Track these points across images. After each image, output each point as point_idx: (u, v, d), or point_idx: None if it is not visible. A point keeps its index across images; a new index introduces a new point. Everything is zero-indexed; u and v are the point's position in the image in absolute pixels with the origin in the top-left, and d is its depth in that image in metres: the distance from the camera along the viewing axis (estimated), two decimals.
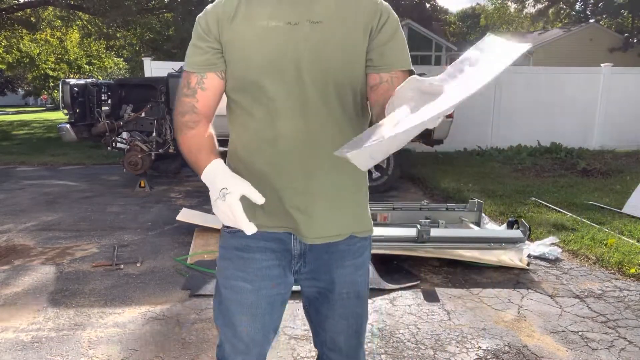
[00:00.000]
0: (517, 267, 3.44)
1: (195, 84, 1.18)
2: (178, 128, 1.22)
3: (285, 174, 1.18)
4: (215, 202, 1.06)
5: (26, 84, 26.74)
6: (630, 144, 9.41)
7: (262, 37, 1.13)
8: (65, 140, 5.97)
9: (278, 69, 1.13)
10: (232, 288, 1.25)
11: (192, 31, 1.21)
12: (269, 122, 1.16)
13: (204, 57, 1.17)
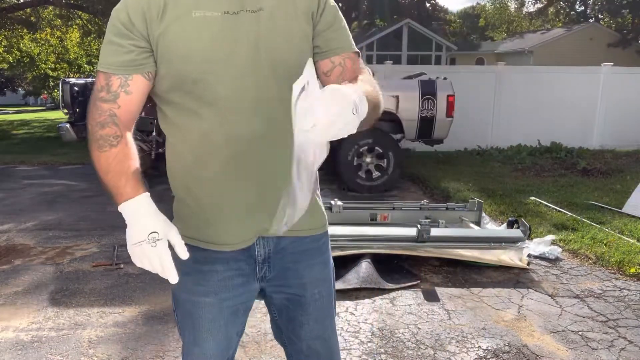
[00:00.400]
0: (517, 267, 3.44)
1: (117, 87, 1.03)
2: (94, 141, 1.05)
3: (246, 176, 1.09)
4: (140, 244, 0.99)
5: (26, 84, 26.72)
6: (630, 143, 9.41)
7: (200, 29, 1.02)
8: (65, 140, 5.98)
9: (223, 63, 1.03)
10: (193, 303, 1.19)
11: (108, 26, 1.05)
12: (220, 122, 1.06)
13: (128, 56, 1.02)
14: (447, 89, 5.93)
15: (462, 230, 3.87)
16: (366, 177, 5.96)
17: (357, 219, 4.03)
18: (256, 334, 2.53)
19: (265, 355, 2.34)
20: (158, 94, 1.09)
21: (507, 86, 9.13)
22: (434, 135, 6.02)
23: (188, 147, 1.11)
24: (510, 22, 34.90)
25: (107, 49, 1.04)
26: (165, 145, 1.18)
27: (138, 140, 5.97)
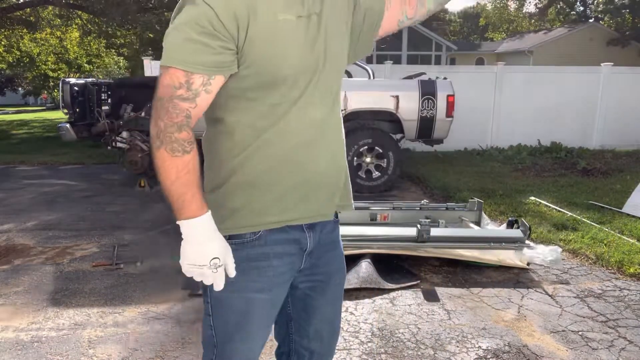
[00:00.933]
0: (517, 267, 3.44)
1: (199, 86, 1.03)
2: (167, 143, 1.02)
3: (318, 159, 1.17)
4: (201, 268, 1.05)
5: (26, 84, 26.73)
6: (630, 143, 9.41)
7: (287, 31, 1.08)
8: (65, 140, 5.97)
9: (306, 62, 1.12)
10: (247, 301, 1.19)
11: (187, 23, 1.01)
12: (299, 114, 1.13)
13: (217, 58, 1.02)
14: (447, 89, 5.93)
15: (462, 230, 3.87)
16: (366, 177, 5.96)
17: (357, 219, 4.03)
18: None
19: (265, 356, 2.34)
20: (233, 92, 1.10)
21: (507, 86, 9.13)
22: (434, 135, 6.02)
23: (266, 137, 1.12)
24: (511, 22, 34.91)
25: (189, 47, 1.01)
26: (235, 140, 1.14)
27: (138, 140, 5.98)
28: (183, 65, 1.01)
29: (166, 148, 1.03)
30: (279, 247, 1.18)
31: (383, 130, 6.04)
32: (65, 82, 5.87)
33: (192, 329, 2.59)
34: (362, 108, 5.89)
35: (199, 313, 2.76)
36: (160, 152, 1.03)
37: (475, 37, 40.13)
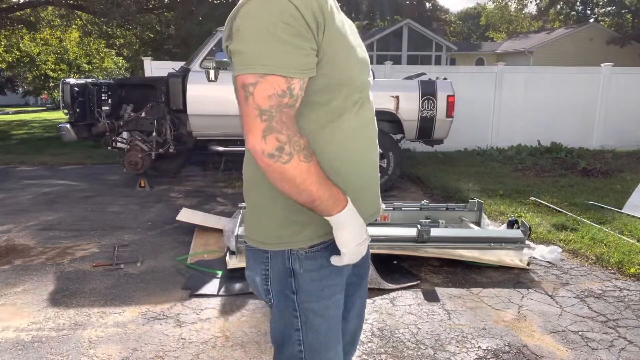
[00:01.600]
0: (517, 267, 3.44)
1: (298, 90, 0.98)
2: (299, 151, 0.97)
3: (374, 159, 1.22)
4: (365, 242, 1.10)
5: (26, 84, 26.74)
6: (630, 143, 9.41)
7: (347, 31, 1.08)
8: (65, 140, 5.97)
9: (364, 61, 1.14)
10: (336, 304, 1.19)
11: (275, 23, 0.94)
12: (360, 114, 1.13)
13: (309, 59, 0.98)
14: (447, 89, 5.93)
15: (462, 230, 3.87)
16: None
17: None
18: (256, 334, 2.53)
19: (265, 355, 2.34)
20: (306, 93, 1.04)
21: (507, 86, 9.13)
22: (434, 135, 6.02)
23: (338, 141, 1.10)
24: (511, 22, 34.91)
25: (283, 49, 0.94)
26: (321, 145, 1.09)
27: (138, 141, 5.98)
28: (283, 71, 0.94)
29: (299, 157, 0.98)
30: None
31: (383, 131, 6.04)
32: (65, 83, 5.87)
33: (192, 329, 2.59)
34: None
35: (199, 313, 2.76)
36: (293, 164, 0.97)
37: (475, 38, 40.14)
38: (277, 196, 1.09)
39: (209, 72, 5.81)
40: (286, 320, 1.18)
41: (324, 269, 1.14)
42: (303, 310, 1.16)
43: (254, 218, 1.17)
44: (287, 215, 1.12)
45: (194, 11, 11.97)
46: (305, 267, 1.14)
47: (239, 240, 3.39)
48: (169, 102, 5.94)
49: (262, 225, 1.15)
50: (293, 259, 1.14)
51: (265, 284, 1.18)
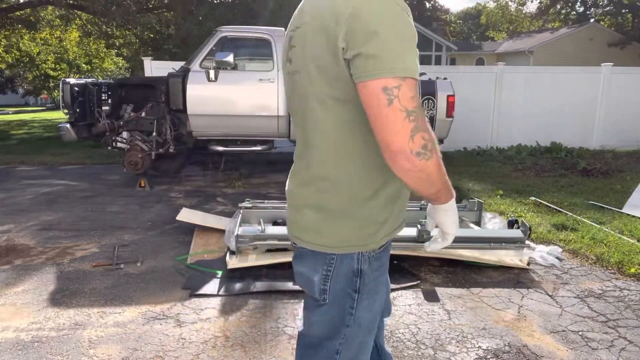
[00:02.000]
0: (517, 267, 3.44)
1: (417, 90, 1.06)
2: (436, 150, 1.03)
3: None
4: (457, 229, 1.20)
5: (26, 83, 26.75)
6: (630, 143, 9.41)
7: None
8: (65, 140, 5.97)
9: None
10: (380, 298, 1.28)
11: (409, 28, 0.99)
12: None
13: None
14: (447, 89, 5.93)
15: (462, 230, 3.86)
16: None
17: None
18: (256, 334, 2.53)
19: (265, 355, 2.34)
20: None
21: (507, 86, 9.13)
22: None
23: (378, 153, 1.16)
24: (511, 22, 34.90)
25: (413, 53, 1.00)
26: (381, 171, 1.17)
27: (138, 141, 5.99)
28: (414, 73, 0.99)
29: (436, 153, 1.03)
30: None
31: None
32: (65, 83, 5.87)
33: (192, 328, 2.59)
34: None
35: (199, 313, 2.76)
36: (434, 159, 1.02)
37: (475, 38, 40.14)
38: (367, 198, 1.14)
39: (209, 72, 5.82)
40: (337, 318, 1.20)
41: (382, 267, 1.25)
42: (359, 310, 1.20)
43: (323, 222, 1.16)
44: (372, 217, 1.16)
45: (194, 11, 11.97)
46: (373, 266, 1.19)
47: (239, 240, 3.39)
48: (169, 102, 5.94)
49: (335, 229, 1.15)
50: (363, 260, 1.17)
51: (324, 284, 1.19)
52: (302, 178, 1.21)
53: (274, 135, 6.15)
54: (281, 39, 6.03)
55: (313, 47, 1.05)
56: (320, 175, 1.15)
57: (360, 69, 0.97)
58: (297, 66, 1.12)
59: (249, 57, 6.93)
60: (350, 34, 0.97)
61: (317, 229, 1.17)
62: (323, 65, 1.04)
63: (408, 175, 1.02)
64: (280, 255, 3.44)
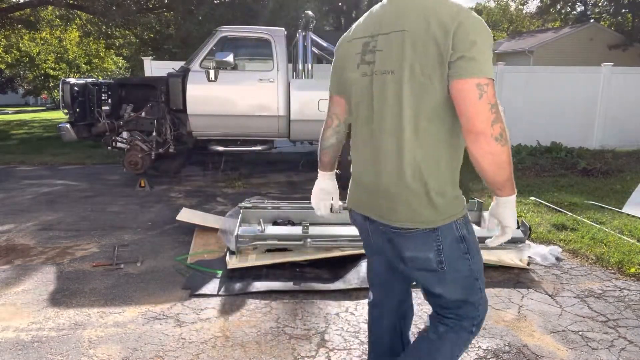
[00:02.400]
0: (517, 267, 3.44)
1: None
2: (508, 139, 1.30)
3: None
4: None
5: (27, 83, 26.75)
6: (630, 143, 9.41)
7: None
8: (65, 140, 5.97)
9: None
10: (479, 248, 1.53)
11: (491, 39, 1.30)
12: None
13: None
14: None
15: None
16: None
17: None
18: (256, 334, 2.53)
19: (265, 355, 2.34)
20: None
21: (507, 86, 9.13)
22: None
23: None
24: (511, 22, 34.90)
25: (491, 62, 1.30)
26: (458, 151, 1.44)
27: (138, 141, 5.98)
28: (493, 77, 1.30)
29: (509, 143, 1.30)
30: None
31: None
32: (65, 82, 5.87)
33: (192, 328, 2.59)
34: None
35: (199, 313, 2.76)
36: (508, 147, 1.29)
37: None
38: (455, 178, 1.44)
39: (209, 72, 5.82)
40: (465, 278, 1.47)
41: (471, 226, 1.50)
42: (475, 263, 1.47)
43: (423, 205, 1.39)
44: (456, 192, 1.44)
45: (194, 11, 11.96)
46: (468, 229, 1.46)
47: (239, 240, 3.39)
48: (169, 102, 5.94)
49: (435, 208, 1.39)
50: (460, 227, 1.43)
51: (439, 256, 1.42)
52: (394, 169, 1.40)
53: (274, 135, 6.15)
54: (281, 39, 6.03)
55: (418, 50, 1.28)
56: (416, 163, 1.37)
57: (462, 69, 1.24)
58: (387, 67, 1.35)
59: (249, 57, 6.93)
60: (456, 41, 1.24)
61: (420, 212, 1.39)
62: (426, 64, 1.28)
63: (485, 156, 1.29)
64: (280, 255, 3.44)
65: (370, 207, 1.51)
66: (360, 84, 1.45)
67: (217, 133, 6.08)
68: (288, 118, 5.92)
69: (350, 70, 1.48)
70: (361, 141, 1.53)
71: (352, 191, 1.62)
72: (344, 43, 1.55)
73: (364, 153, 1.51)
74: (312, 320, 2.69)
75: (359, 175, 1.56)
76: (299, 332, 2.55)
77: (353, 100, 1.52)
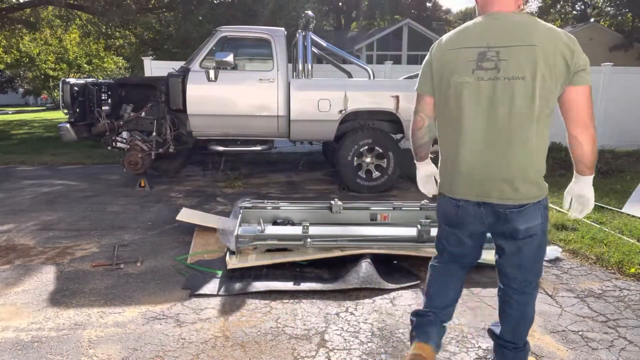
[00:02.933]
0: None
1: None
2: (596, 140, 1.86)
3: None
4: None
5: (27, 83, 26.76)
6: (630, 143, 9.41)
7: None
8: (65, 140, 5.97)
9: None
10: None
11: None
12: None
13: None
14: None
15: None
16: (366, 177, 5.96)
17: (357, 219, 4.03)
18: (256, 334, 2.53)
19: (265, 355, 2.34)
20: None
21: None
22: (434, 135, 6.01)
23: None
24: None
25: None
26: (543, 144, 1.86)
27: (138, 141, 5.98)
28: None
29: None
30: None
31: (383, 130, 6.04)
32: (65, 82, 5.87)
33: (192, 329, 2.59)
34: (362, 108, 5.89)
35: (199, 313, 2.76)
36: (596, 135, 1.88)
37: None
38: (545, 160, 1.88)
39: (209, 71, 5.82)
40: (543, 240, 1.92)
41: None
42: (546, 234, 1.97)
43: (534, 184, 1.83)
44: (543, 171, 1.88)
45: (194, 11, 11.96)
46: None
47: (239, 240, 3.39)
48: (168, 102, 5.94)
49: (540, 186, 1.85)
50: (546, 200, 1.92)
51: (544, 224, 1.90)
52: (520, 158, 1.78)
53: (274, 135, 6.14)
54: (281, 39, 6.03)
55: (549, 62, 1.70)
56: (535, 152, 1.80)
57: (582, 79, 1.77)
58: (516, 74, 1.72)
59: (249, 57, 6.93)
60: (577, 59, 1.72)
61: (532, 190, 1.82)
62: (555, 74, 1.71)
63: (591, 141, 1.84)
64: (280, 256, 3.44)
65: (487, 193, 1.83)
66: (475, 87, 1.78)
67: (217, 133, 6.07)
68: (288, 118, 5.92)
69: (461, 75, 1.80)
70: (471, 137, 1.81)
71: (460, 184, 1.89)
72: (447, 51, 1.86)
73: (478, 147, 1.81)
74: (312, 320, 2.69)
75: (471, 168, 1.84)
76: (298, 332, 2.55)
77: (456, 100, 1.82)
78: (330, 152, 7.24)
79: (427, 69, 1.98)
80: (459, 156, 1.86)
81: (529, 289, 1.97)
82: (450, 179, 1.94)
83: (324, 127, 5.94)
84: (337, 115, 5.84)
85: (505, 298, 2.02)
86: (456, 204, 1.92)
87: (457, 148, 1.86)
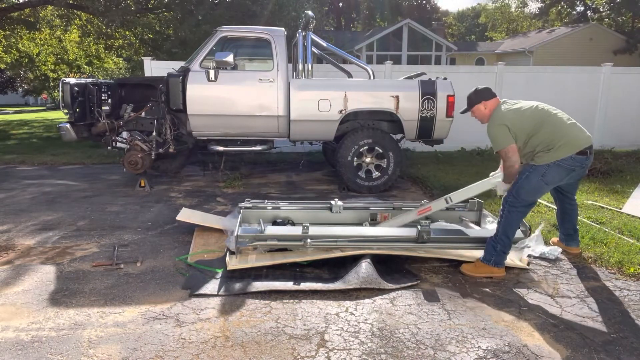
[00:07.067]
0: (517, 267, 3.44)
1: None
2: None
3: None
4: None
5: (27, 83, 26.73)
6: (630, 143, 9.41)
7: None
8: (65, 140, 5.97)
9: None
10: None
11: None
12: None
13: None
14: (447, 89, 5.92)
15: (462, 230, 3.86)
16: (366, 177, 5.96)
17: (357, 219, 4.03)
18: (256, 334, 2.53)
19: (265, 355, 2.34)
20: None
21: (507, 86, 9.12)
22: (434, 135, 6.02)
23: None
24: (511, 22, 34.88)
25: None
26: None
27: (138, 141, 5.98)
28: None
29: None
30: None
31: (383, 130, 6.04)
32: (65, 82, 5.86)
33: (192, 328, 2.59)
34: (362, 108, 5.89)
35: (199, 313, 2.76)
36: None
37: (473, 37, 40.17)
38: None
39: (209, 71, 5.82)
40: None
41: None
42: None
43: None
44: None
45: (194, 11, 11.95)
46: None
47: (239, 240, 3.39)
48: (168, 102, 5.93)
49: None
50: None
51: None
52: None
53: (274, 135, 6.14)
54: (281, 39, 6.03)
55: None
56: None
57: None
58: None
59: (249, 57, 6.93)
60: None
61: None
62: None
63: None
64: (280, 256, 3.44)
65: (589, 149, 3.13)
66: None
67: (217, 133, 6.07)
68: (288, 118, 5.92)
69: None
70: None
71: (577, 146, 3.14)
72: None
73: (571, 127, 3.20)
74: (312, 320, 2.69)
75: (577, 138, 3.16)
76: (298, 332, 2.55)
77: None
78: (330, 152, 7.24)
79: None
80: (568, 135, 3.21)
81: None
82: (574, 146, 3.19)
83: (324, 127, 5.94)
84: (337, 115, 5.84)
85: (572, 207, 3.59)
86: (585, 157, 3.22)
87: (563, 133, 3.19)
